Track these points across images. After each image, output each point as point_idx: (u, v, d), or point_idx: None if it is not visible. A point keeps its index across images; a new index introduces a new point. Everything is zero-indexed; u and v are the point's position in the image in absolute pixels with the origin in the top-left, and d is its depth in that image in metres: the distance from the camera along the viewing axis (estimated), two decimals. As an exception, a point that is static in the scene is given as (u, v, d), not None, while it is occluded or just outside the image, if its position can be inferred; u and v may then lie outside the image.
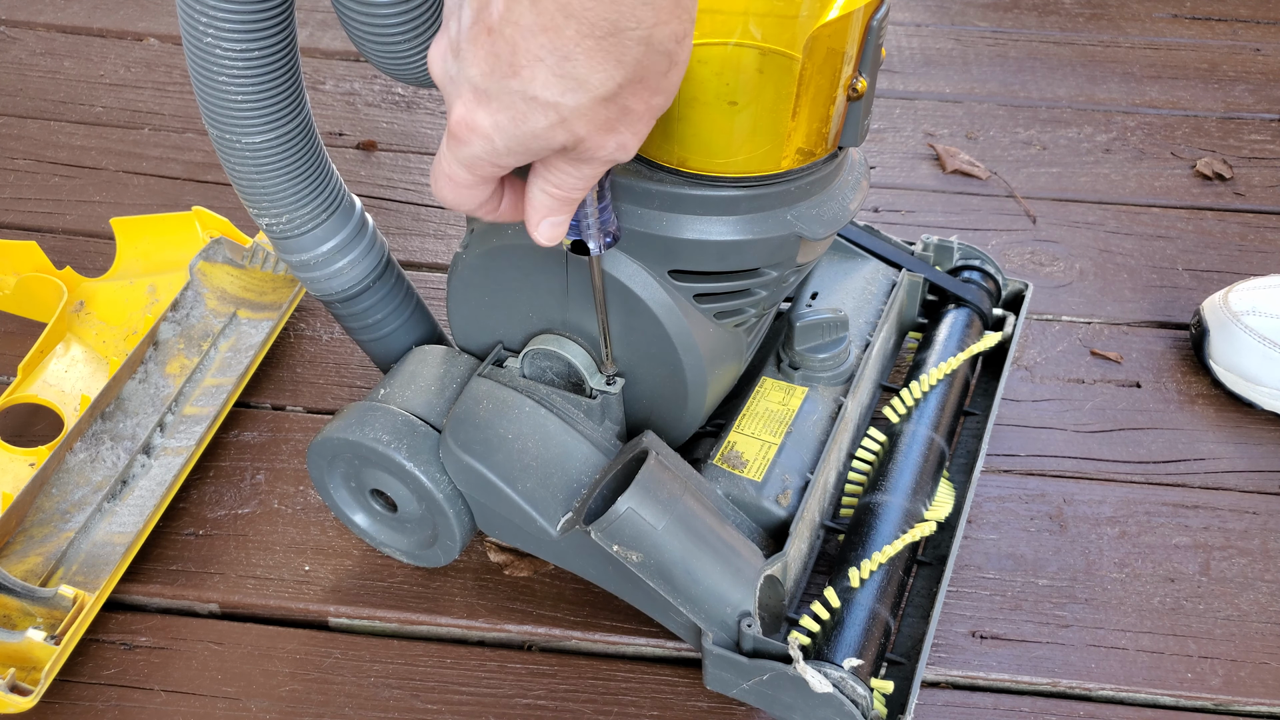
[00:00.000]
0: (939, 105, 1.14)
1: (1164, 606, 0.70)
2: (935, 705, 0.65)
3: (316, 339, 0.86)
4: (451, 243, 0.96)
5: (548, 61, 0.38)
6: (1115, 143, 1.09)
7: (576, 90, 0.39)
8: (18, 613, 0.63)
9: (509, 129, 0.41)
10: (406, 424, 0.62)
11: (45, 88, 1.12)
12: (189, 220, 0.83)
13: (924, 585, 0.65)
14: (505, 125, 0.41)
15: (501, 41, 0.39)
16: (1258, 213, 1.01)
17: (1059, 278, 0.93)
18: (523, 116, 0.40)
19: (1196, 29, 1.27)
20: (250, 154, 0.57)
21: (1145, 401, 0.83)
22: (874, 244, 0.80)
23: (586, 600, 0.69)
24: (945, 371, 0.72)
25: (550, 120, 0.40)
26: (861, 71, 0.52)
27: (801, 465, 0.65)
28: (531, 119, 0.40)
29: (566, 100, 0.39)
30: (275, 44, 0.54)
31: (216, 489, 0.75)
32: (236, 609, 0.69)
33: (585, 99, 0.40)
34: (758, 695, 0.58)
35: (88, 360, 0.78)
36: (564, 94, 0.39)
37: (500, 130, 0.41)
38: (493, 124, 0.41)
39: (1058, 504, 0.75)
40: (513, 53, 0.39)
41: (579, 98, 0.39)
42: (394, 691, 0.64)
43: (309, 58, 1.18)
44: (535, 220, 0.47)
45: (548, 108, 0.40)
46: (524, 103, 0.40)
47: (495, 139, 0.41)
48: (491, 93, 0.40)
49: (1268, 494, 0.76)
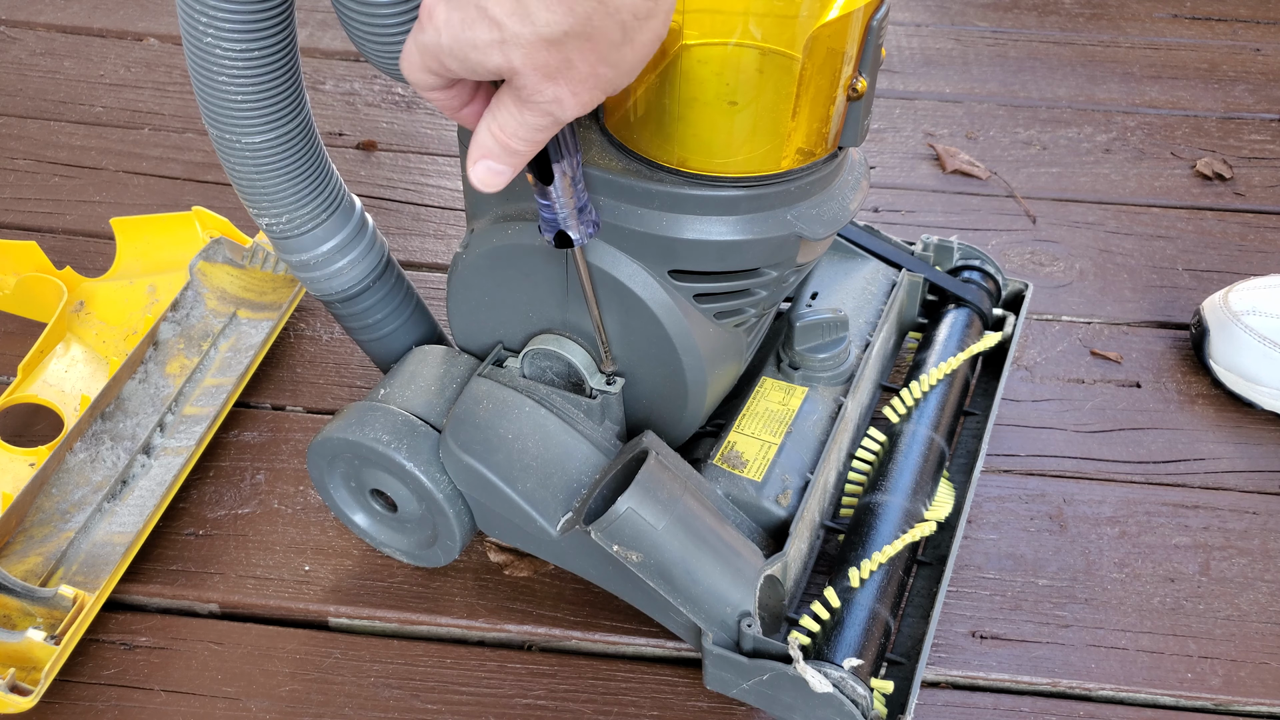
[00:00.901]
0: (939, 105, 1.14)
1: (1164, 606, 0.70)
2: (935, 705, 0.65)
3: (316, 339, 0.86)
4: (451, 243, 0.96)
5: None
6: (1115, 143, 1.09)
7: (523, 20, 0.40)
8: (18, 613, 0.63)
9: (456, 30, 0.42)
10: (406, 424, 0.62)
11: (45, 88, 1.12)
12: (189, 220, 0.83)
13: (924, 585, 0.65)
14: (455, 24, 0.42)
15: None
16: (1258, 213, 1.01)
17: (1059, 278, 0.93)
18: (470, 22, 0.41)
19: (1196, 29, 1.27)
20: (250, 154, 0.57)
21: (1145, 401, 0.83)
22: (874, 244, 0.80)
23: (586, 600, 0.69)
24: (945, 371, 0.72)
25: (492, 37, 0.41)
26: (861, 71, 0.52)
27: (801, 465, 0.65)
28: (476, 29, 0.41)
29: (510, 25, 0.40)
30: (275, 44, 0.54)
31: (216, 489, 0.75)
32: (236, 609, 0.69)
33: (528, 32, 0.40)
34: (758, 695, 0.58)
35: (88, 360, 0.78)
36: (510, 17, 0.40)
37: (449, 27, 0.42)
38: (445, 19, 0.42)
39: (1058, 504, 0.75)
40: None
41: (523, 28, 0.40)
42: (394, 691, 0.64)
43: (309, 58, 1.18)
44: (474, 158, 0.47)
45: (493, 25, 0.41)
46: (475, 9, 0.41)
47: (443, 33, 0.42)
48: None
49: (1268, 494, 0.76)
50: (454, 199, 1.01)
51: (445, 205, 1.00)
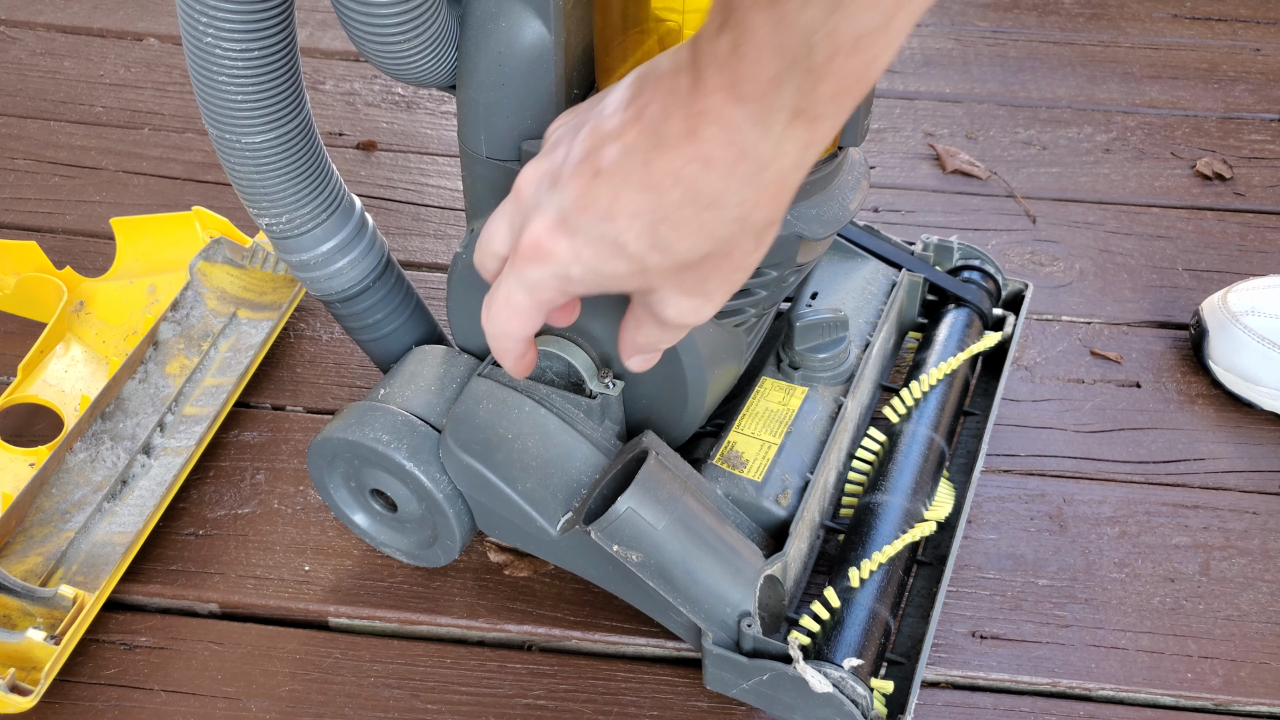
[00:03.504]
0: (939, 105, 1.14)
1: (1164, 606, 0.70)
2: (935, 705, 0.65)
3: (316, 339, 0.86)
4: (451, 243, 0.96)
5: (644, 219, 0.39)
6: (1115, 143, 1.09)
7: (662, 253, 0.40)
8: (18, 613, 0.63)
9: (590, 262, 0.42)
10: (406, 424, 0.62)
11: (45, 88, 1.12)
12: (189, 220, 0.83)
13: (924, 585, 0.65)
14: (587, 258, 0.42)
15: (605, 186, 0.40)
16: (1258, 213, 1.01)
17: (1059, 278, 0.93)
18: (607, 257, 0.41)
19: (1196, 29, 1.27)
20: (250, 154, 0.57)
21: (1145, 401, 0.83)
22: (874, 244, 0.80)
23: (586, 600, 0.69)
24: (945, 371, 0.72)
25: (631, 269, 0.41)
26: (861, 71, 0.52)
27: (801, 465, 0.65)
28: (615, 262, 0.41)
29: (651, 258, 0.41)
30: (275, 44, 0.54)
31: (216, 489, 0.75)
32: (236, 609, 0.69)
33: (669, 262, 0.41)
34: (758, 695, 0.58)
35: (88, 360, 0.78)
36: (650, 251, 0.40)
37: (580, 260, 0.42)
38: (572, 253, 0.42)
39: (1058, 504, 0.75)
40: (613, 200, 0.40)
41: (663, 259, 0.41)
42: (394, 691, 0.64)
43: (309, 58, 1.18)
44: (627, 356, 0.49)
45: (633, 258, 0.41)
46: (611, 247, 0.41)
47: (572, 267, 0.42)
48: (580, 228, 0.41)
49: (1268, 494, 0.76)
50: (454, 199, 1.01)
51: (445, 205, 1.00)
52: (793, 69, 0.35)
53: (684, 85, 0.37)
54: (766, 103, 0.36)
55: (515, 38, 0.51)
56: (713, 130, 0.37)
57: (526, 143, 0.55)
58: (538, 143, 0.54)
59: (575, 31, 0.52)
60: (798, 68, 0.35)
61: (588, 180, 0.40)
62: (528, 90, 0.53)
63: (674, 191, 0.39)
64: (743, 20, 0.35)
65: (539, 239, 0.42)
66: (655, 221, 0.39)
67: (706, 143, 0.37)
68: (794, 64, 0.35)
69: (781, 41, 0.35)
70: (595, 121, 0.41)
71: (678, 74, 0.38)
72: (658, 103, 0.38)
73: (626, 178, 0.39)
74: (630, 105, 0.40)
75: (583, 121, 0.42)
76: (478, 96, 0.54)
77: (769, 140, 0.37)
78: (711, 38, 0.36)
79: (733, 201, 0.38)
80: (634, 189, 0.39)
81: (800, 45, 0.34)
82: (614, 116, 0.40)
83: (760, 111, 0.36)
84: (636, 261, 0.41)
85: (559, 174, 0.42)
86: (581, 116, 0.43)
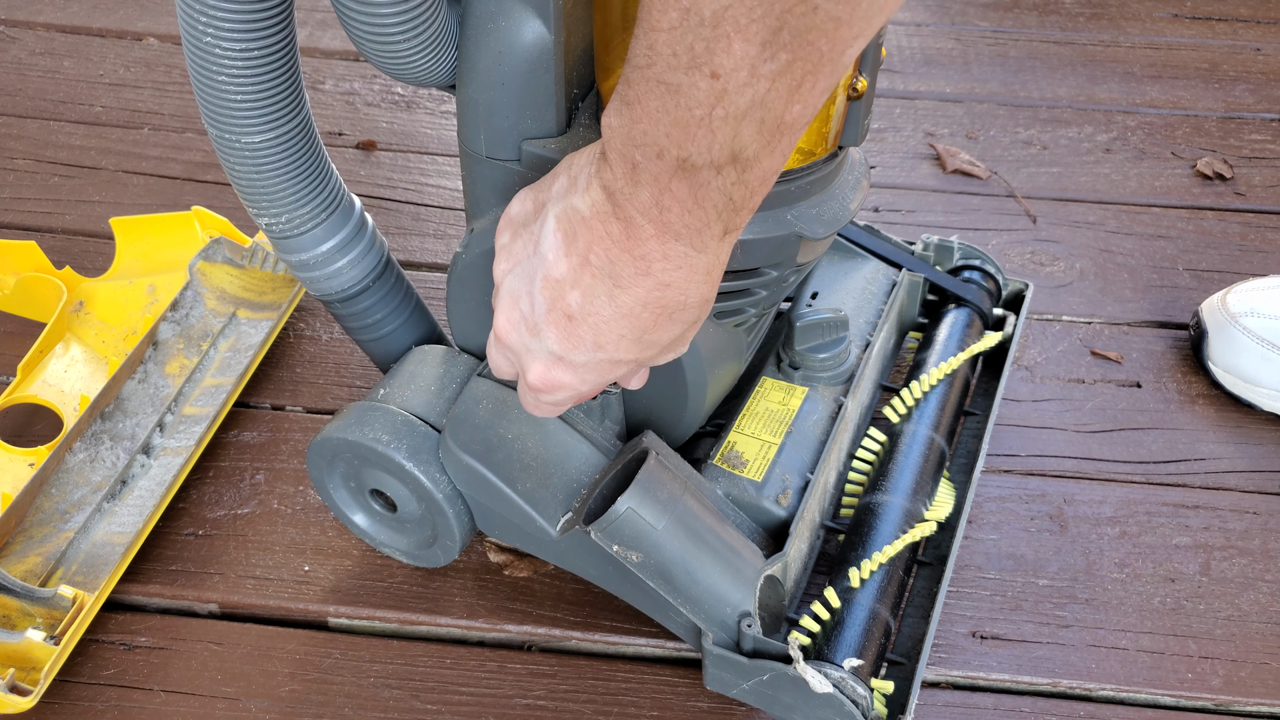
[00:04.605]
0: (939, 105, 1.14)
1: (1164, 606, 0.70)
2: (935, 705, 0.65)
3: (316, 339, 0.86)
4: (451, 243, 0.96)
5: (628, 337, 0.46)
6: (1115, 142, 1.09)
7: (650, 347, 0.47)
8: (17, 613, 0.63)
9: (594, 379, 0.49)
10: (406, 424, 0.62)
11: (45, 88, 1.12)
12: (188, 220, 0.83)
13: (924, 585, 0.65)
14: (590, 378, 0.49)
15: (584, 327, 0.46)
16: (1258, 213, 1.01)
17: (1059, 278, 0.93)
18: (608, 370, 0.48)
19: (1196, 29, 1.27)
20: (250, 154, 0.57)
21: (1145, 401, 0.83)
22: (874, 244, 0.80)
23: (586, 600, 0.69)
24: (945, 371, 0.72)
25: (630, 367, 0.49)
26: (861, 71, 0.52)
27: (801, 465, 0.65)
28: (615, 370, 0.48)
29: (644, 355, 0.47)
30: (275, 44, 0.54)
31: (216, 489, 0.75)
32: (236, 609, 0.69)
33: (656, 350, 0.47)
34: (758, 695, 0.58)
35: (87, 360, 0.78)
36: (641, 352, 0.47)
37: (586, 381, 0.49)
38: (578, 379, 0.48)
39: (1058, 504, 0.75)
40: (595, 335, 0.46)
41: (652, 351, 0.47)
42: (394, 692, 0.64)
43: (309, 58, 1.18)
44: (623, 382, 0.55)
45: (629, 362, 0.48)
46: (609, 364, 0.47)
47: (581, 387, 0.49)
48: (576, 362, 0.47)
49: (1268, 494, 0.76)
50: (454, 199, 1.01)
51: (445, 205, 1.00)
52: (718, 215, 0.41)
53: (618, 232, 0.42)
54: (700, 235, 0.42)
55: (515, 37, 0.51)
56: (661, 265, 0.43)
57: (526, 142, 0.55)
58: (537, 142, 0.54)
59: (575, 31, 0.52)
60: (721, 212, 0.41)
61: (565, 326, 0.46)
62: (528, 90, 0.53)
63: (645, 313, 0.44)
64: (657, 180, 0.40)
65: (544, 378, 0.49)
66: (638, 335, 0.45)
67: (660, 274, 0.43)
68: (718, 213, 0.41)
69: (701, 199, 0.40)
70: (543, 271, 0.46)
71: (607, 222, 0.43)
72: (598, 250, 0.43)
73: (599, 314, 0.45)
74: (570, 252, 0.44)
75: (531, 268, 0.47)
76: (478, 96, 0.54)
77: (709, 252, 0.43)
78: (628, 189, 0.41)
79: (695, 300, 0.45)
80: (610, 321, 0.45)
81: (720, 198, 0.40)
82: (559, 264, 0.45)
83: (696, 241, 0.42)
84: (632, 362, 0.48)
85: (534, 323, 0.47)
86: (529, 263, 0.47)
